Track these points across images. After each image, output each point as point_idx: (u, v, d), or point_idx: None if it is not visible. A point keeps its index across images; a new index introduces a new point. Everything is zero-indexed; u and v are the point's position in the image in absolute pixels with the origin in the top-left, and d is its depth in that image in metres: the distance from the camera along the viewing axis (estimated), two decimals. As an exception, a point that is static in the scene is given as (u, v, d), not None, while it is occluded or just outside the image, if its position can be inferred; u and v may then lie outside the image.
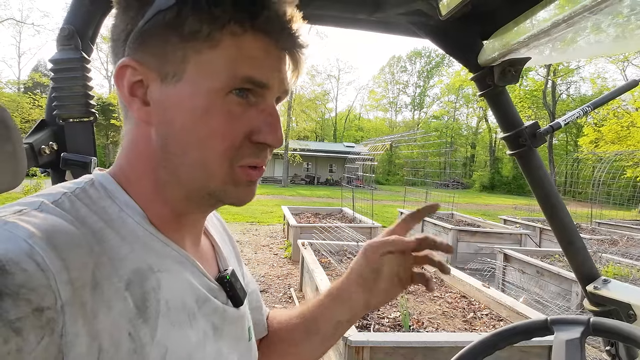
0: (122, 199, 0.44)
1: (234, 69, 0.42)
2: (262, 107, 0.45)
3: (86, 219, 0.40)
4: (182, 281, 0.45)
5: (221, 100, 0.42)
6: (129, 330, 0.38)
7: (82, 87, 0.81)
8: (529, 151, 0.88)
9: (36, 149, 0.78)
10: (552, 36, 0.68)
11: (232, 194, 0.46)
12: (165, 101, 0.43)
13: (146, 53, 0.42)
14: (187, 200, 0.47)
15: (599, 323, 0.67)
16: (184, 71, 0.42)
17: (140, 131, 0.45)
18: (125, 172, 0.47)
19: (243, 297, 0.56)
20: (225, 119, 0.42)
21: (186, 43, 0.41)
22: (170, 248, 0.45)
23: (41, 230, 0.35)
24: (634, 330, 0.62)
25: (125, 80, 0.43)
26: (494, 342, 0.77)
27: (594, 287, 0.88)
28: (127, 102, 0.44)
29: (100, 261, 0.38)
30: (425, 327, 2.84)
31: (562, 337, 0.69)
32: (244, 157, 0.44)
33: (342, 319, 0.66)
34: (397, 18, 0.87)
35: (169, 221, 0.47)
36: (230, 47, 0.41)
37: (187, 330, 0.44)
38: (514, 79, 0.84)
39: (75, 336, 0.34)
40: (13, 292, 0.30)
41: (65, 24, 0.80)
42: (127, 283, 0.39)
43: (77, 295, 0.34)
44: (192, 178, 0.44)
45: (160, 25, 0.41)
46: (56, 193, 0.41)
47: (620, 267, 4.55)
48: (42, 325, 0.31)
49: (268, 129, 0.45)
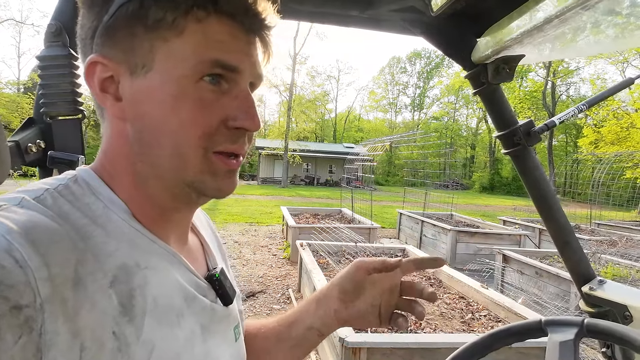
0: (107, 195, 0.43)
1: (202, 54, 0.41)
2: (236, 93, 0.44)
3: (69, 215, 0.39)
4: (169, 279, 0.44)
5: (192, 87, 0.42)
6: (114, 328, 0.37)
7: (70, 84, 0.79)
8: (524, 150, 0.87)
9: (23, 147, 0.77)
10: (546, 33, 0.67)
11: (210, 185, 0.45)
12: (137, 94, 0.42)
13: (113, 48, 0.42)
14: (168, 193, 0.46)
15: (593, 324, 0.65)
16: (152, 61, 0.41)
17: (116, 127, 0.45)
18: (106, 169, 0.46)
19: (232, 295, 0.55)
20: (197, 107, 0.42)
21: (152, 33, 0.41)
22: (157, 245, 0.45)
23: (20, 226, 0.34)
24: (628, 331, 0.61)
25: (96, 77, 0.43)
26: (489, 343, 0.76)
27: (590, 287, 0.87)
28: (100, 99, 0.44)
29: (84, 257, 0.37)
30: (423, 328, 2.83)
31: (555, 338, 0.67)
32: (220, 143, 0.44)
33: (314, 325, 0.65)
34: (389, 15, 0.86)
35: (153, 218, 0.46)
36: (196, 32, 0.41)
37: (175, 329, 0.43)
38: (508, 76, 0.83)
39: (55, 334, 0.33)
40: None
41: (53, 20, 0.79)
42: (112, 280, 0.38)
43: (57, 292, 0.33)
44: (169, 169, 0.44)
45: (125, 18, 0.41)
46: (38, 189, 0.40)
47: (619, 268, 4.53)
48: (19, 324, 0.31)
49: (244, 115, 0.44)
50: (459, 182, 33.80)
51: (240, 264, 6.12)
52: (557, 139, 35.36)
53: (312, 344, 0.67)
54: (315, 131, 43.63)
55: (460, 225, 8.17)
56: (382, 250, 4.93)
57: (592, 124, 22.91)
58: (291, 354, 0.67)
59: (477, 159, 44.96)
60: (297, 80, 30.71)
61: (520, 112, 29.01)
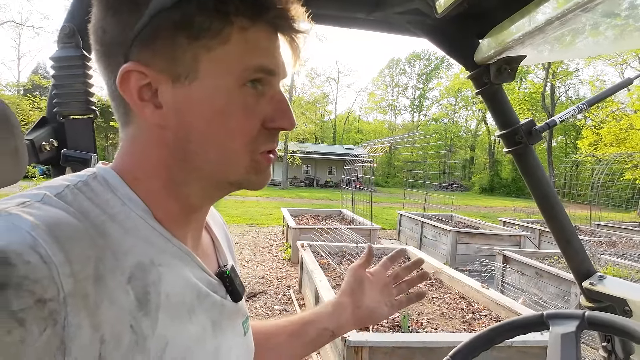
0: (125, 193, 0.44)
1: (247, 61, 0.42)
2: (271, 94, 0.46)
3: (89, 212, 0.40)
4: (182, 276, 0.46)
5: (237, 94, 0.43)
6: (131, 322, 0.38)
7: (83, 84, 0.81)
8: (526, 149, 0.89)
9: (37, 146, 0.79)
10: (547, 34, 0.69)
11: (255, 181, 0.48)
12: (181, 103, 0.42)
13: (152, 56, 0.41)
14: (204, 194, 0.48)
15: (594, 317, 0.67)
16: (196, 71, 0.41)
17: (152, 134, 0.45)
18: (129, 170, 0.46)
19: (242, 292, 0.56)
20: (243, 114, 0.43)
21: (195, 42, 0.41)
22: (171, 243, 0.46)
23: (44, 223, 0.35)
24: (628, 323, 0.62)
25: (132, 85, 0.42)
26: (491, 337, 0.78)
27: (590, 283, 0.89)
28: (138, 107, 0.43)
29: (104, 255, 0.38)
30: (424, 327, 2.84)
31: (557, 331, 0.69)
32: (262, 144, 0.46)
33: (329, 327, 0.74)
34: (394, 17, 0.88)
35: (174, 217, 0.47)
36: (240, 40, 0.42)
37: (187, 325, 0.44)
38: (510, 77, 0.85)
39: (78, 328, 0.34)
40: (16, 283, 0.31)
41: (66, 22, 0.81)
42: (130, 277, 0.40)
43: (79, 288, 0.35)
44: (214, 173, 0.45)
45: (164, 26, 0.40)
46: (59, 186, 0.41)
47: (619, 269, 4.55)
48: (44, 317, 0.32)
49: (281, 115, 0.46)
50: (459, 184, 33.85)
51: (241, 265, 6.12)
52: (556, 141, 35.41)
53: (324, 342, 0.75)
54: (315, 133, 43.65)
55: (460, 226, 8.18)
56: (383, 251, 4.94)
57: (592, 126, 22.95)
58: (302, 350, 0.73)
59: (476, 161, 44.99)
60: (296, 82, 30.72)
61: (519, 113, 29.04)
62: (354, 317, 0.75)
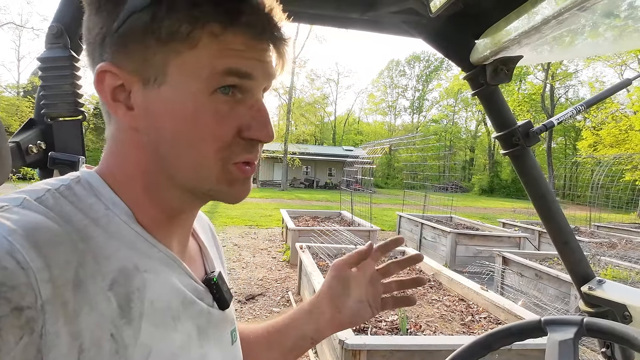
0: (109, 197, 0.43)
1: (215, 65, 0.41)
2: (250, 103, 0.44)
3: (71, 217, 0.39)
4: (167, 283, 0.45)
5: (207, 100, 0.41)
6: (112, 330, 0.37)
7: (71, 85, 0.80)
8: (523, 150, 0.88)
9: (23, 148, 0.77)
10: (543, 33, 0.67)
11: (227, 193, 0.46)
12: (151, 106, 0.42)
13: (124, 57, 0.41)
14: (181, 200, 0.46)
15: (592, 323, 0.66)
16: (165, 74, 0.41)
17: (127, 135, 0.44)
18: (113, 173, 0.45)
19: (229, 299, 0.55)
20: (213, 120, 0.42)
21: (165, 46, 0.40)
22: (156, 249, 0.45)
23: (22, 228, 0.34)
24: (627, 330, 0.61)
25: (106, 85, 0.42)
26: (488, 342, 0.76)
27: (589, 287, 0.87)
28: (111, 108, 0.43)
29: (85, 259, 0.37)
30: (423, 330, 2.82)
31: (555, 337, 0.68)
32: (237, 154, 0.44)
33: (307, 333, 0.68)
34: (389, 17, 0.87)
35: (158, 221, 0.46)
36: (211, 44, 0.40)
37: (172, 333, 0.43)
38: (506, 77, 0.84)
39: (56, 336, 0.33)
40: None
41: (54, 22, 0.79)
42: (112, 282, 0.38)
43: (58, 294, 0.34)
44: (187, 179, 0.44)
45: (136, 28, 0.40)
46: (39, 190, 0.40)
47: (619, 270, 4.53)
48: (21, 325, 0.31)
49: (257, 125, 0.44)
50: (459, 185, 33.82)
51: (240, 266, 6.10)
52: (556, 142, 35.43)
53: (305, 350, 0.70)
54: (315, 134, 43.67)
55: (460, 227, 8.16)
56: (382, 253, 4.92)
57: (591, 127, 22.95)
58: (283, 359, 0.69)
59: (476, 162, 44.99)
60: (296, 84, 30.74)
61: (519, 115, 29.05)
62: (333, 322, 0.69)
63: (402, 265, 0.73)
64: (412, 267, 4.44)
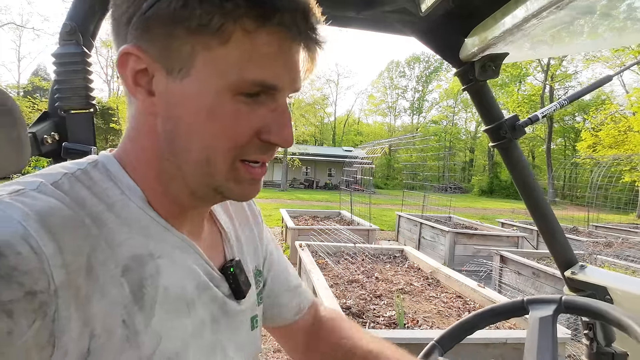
0: (125, 182, 0.43)
1: (245, 71, 0.39)
2: (273, 107, 0.43)
3: (85, 201, 0.39)
4: (182, 268, 0.45)
5: (229, 100, 0.40)
6: (123, 317, 0.38)
7: (83, 80, 0.85)
8: (510, 143, 0.93)
9: (39, 139, 0.82)
10: (526, 31, 0.72)
11: (235, 190, 0.45)
12: (171, 96, 0.41)
13: (150, 42, 0.40)
14: (190, 193, 0.46)
15: (569, 301, 0.70)
16: (191, 67, 0.39)
17: (145, 120, 0.44)
18: (129, 157, 0.46)
19: (246, 289, 0.54)
20: (232, 120, 0.40)
21: (194, 37, 0.38)
22: (171, 233, 0.45)
23: (37, 213, 0.34)
24: (602, 306, 0.66)
25: (129, 68, 0.41)
26: (475, 322, 0.81)
27: (572, 272, 0.92)
28: (132, 91, 0.42)
29: (97, 245, 0.37)
30: (420, 325, 2.86)
31: (536, 315, 0.72)
32: (250, 153, 0.43)
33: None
34: (383, 16, 0.92)
35: (170, 209, 0.46)
36: (243, 43, 0.38)
37: (184, 319, 0.44)
38: (494, 73, 0.89)
39: (68, 320, 0.34)
40: (6, 274, 0.30)
41: (68, 20, 0.84)
42: (124, 269, 0.39)
43: (71, 280, 0.34)
44: (195, 173, 0.43)
45: (165, 15, 0.38)
46: (56, 174, 0.40)
47: (615, 269, 4.58)
48: (34, 309, 0.31)
49: (277, 129, 0.43)
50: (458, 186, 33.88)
51: (240, 265, 6.13)
52: (555, 143, 35.49)
53: None
54: (315, 135, 43.70)
55: (459, 227, 8.20)
56: (381, 251, 4.97)
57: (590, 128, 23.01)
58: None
59: (476, 163, 45.03)
60: (296, 84, 30.68)
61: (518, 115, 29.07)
62: None
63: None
64: (410, 265, 4.49)
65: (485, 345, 2.40)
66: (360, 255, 4.63)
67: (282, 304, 0.69)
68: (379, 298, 3.35)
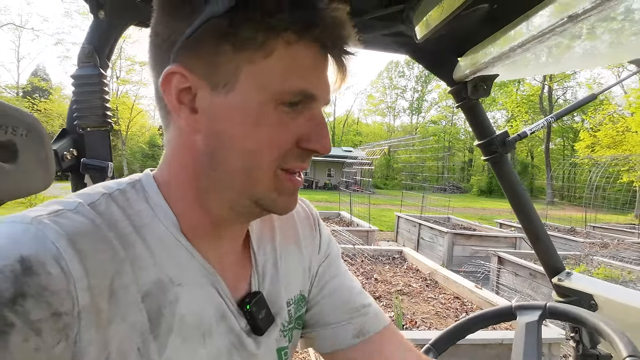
0: (158, 204, 0.45)
1: (287, 82, 0.41)
2: (310, 116, 0.44)
3: (118, 224, 0.40)
4: (201, 297, 0.45)
5: (272, 110, 0.42)
6: (139, 344, 0.38)
7: (100, 99, 0.91)
8: (500, 157, 0.98)
9: (59, 155, 0.88)
10: (513, 58, 0.78)
11: (277, 202, 0.46)
12: (215, 111, 0.42)
13: (196, 61, 0.41)
14: (230, 208, 0.46)
15: (553, 307, 0.76)
16: (236, 81, 0.41)
17: (185, 139, 0.45)
18: (165, 178, 0.47)
19: (266, 325, 0.52)
20: (275, 130, 0.42)
21: (239, 52, 0.40)
22: (196, 260, 0.45)
23: (69, 234, 0.36)
24: (581, 312, 0.72)
25: (173, 87, 0.42)
26: (467, 326, 0.87)
27: (559, 279, 0.98)
28: (175, 109, 0.43)
29: (122, 269, 0.38)
30: (419, 326, 2.92)
31: (522, 320, 0.78)
32: (290, 161, 0.44)
33: None
34: (382, 38, 0.98)
35: (204, 231, 0.47)
36: (284, 56, 0.40)
37: (199, 349, 0.44)
38: (485, 92, 0.95)
39: (88, 343, 0.35)
40: (36, 293, 0.32)
41: (85, 43, 0.90)
42: (145, 294, 0.40)
43: (94, 303, 0.35)
44: (237, 185, 0.44)
45: (212, 34, 0.40)
46: (95, 194, 0.42)
47: (611, 270, 4.64)
48: (59, 329, 0.33)
49: (316, 137, 0.44)
50: (457, 186, 33.97)
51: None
52: (554, 143, 35.59)
53: None
54: (314, 135, 43.63)
55: (457, 228, 8.26)
56: (380, 252, 5.03)
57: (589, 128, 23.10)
58: None
59: (475, 163, 45.11)
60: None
61: (517, 115, 29.23)
62: None
63: None
64: (409, 266, 4.55)
65: (482, 345, 2.46)
66: (360, 257, 4.69)
67: (336, 323, 0.61)
68: (378, 299, 3.41)
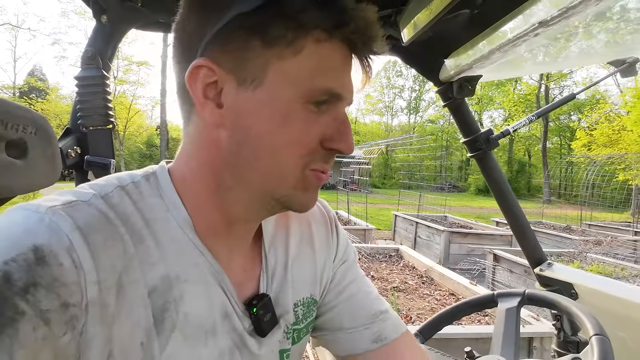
0: (171, 198, 0.44)
1: (315, 81, 0.41)
2: (335, 115, 0.44)
3: (129, 218, 0.40)
4: (206, 295, 0.44)
5: (299, 108, 0.41)
6: (142, 339, 0.38)
7: (103, 100, 0.95)
8: (485, 154, 1.03)
9: (64, 153, 0.92)
10: (493, 59, 0.83)
11: (299, 199, 0.45)
12: (242, 106, 0.41)
13: (224, 55, 0.41)
14: (248, 206, 0.46)
15: (532, 294, 0.81)
16: (264, 77, 0.40)
17: (209, 134, 0.44)
18: (182, 172, 0.46)
19: (270, 327, 0.51)
20: (303, 127, 0.42)
21: (268, 48, 0.40)
22: (204, 258, 0.44)
23: (82, 227, 0.36)
24: (556, 297, 0.76)
25: (199, 81, 0.41)
26: (453, 313, 0.92)
27: (540, 269, 1.03)
28: (200, 103, 0.42)
29: (131, 264, 0.38)
30: (414, 321, 2.97)
31: (503, 306, 0.83)
32: (316, 161, 0.44)
33: None
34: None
35: (215, 228, 0.46)
36: (313, 54, 0.40)
37: (200, 348, 0.43)
38: (470, 92, 0.99)
39: (93, 337, 0.35)
40: (48, 283, 0.32)
41: (88, 46, 0.94)
42: (151, 290, 0.39)
43: (101, 297, 0.35)
44: (261, 183, 0.44)
45: (241, 29, 0.40)
46: (109, 185, 0.42)
47: (605, 266, 4.71)
48: (66, 321, 0.33)
49: (340, 137, 0.44)
50: (455, 185, 34.08)
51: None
52: (551, 142, 35.74)
53: None
54: (312, 134, 43.66)
55: (454, 226, 8.32)
56: (377, 251, 5.08)
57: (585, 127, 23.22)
58: None
59: (472, 162, 45.02)
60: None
61: (514, 115, 29.34)
62: None
63: None
64: (405, 264, 4.60)
65: (475, 339, 2.51)
66: (357, 255, 4.73)
67: (353, 328, 0.60)
68: (374, 296, 3.45)
